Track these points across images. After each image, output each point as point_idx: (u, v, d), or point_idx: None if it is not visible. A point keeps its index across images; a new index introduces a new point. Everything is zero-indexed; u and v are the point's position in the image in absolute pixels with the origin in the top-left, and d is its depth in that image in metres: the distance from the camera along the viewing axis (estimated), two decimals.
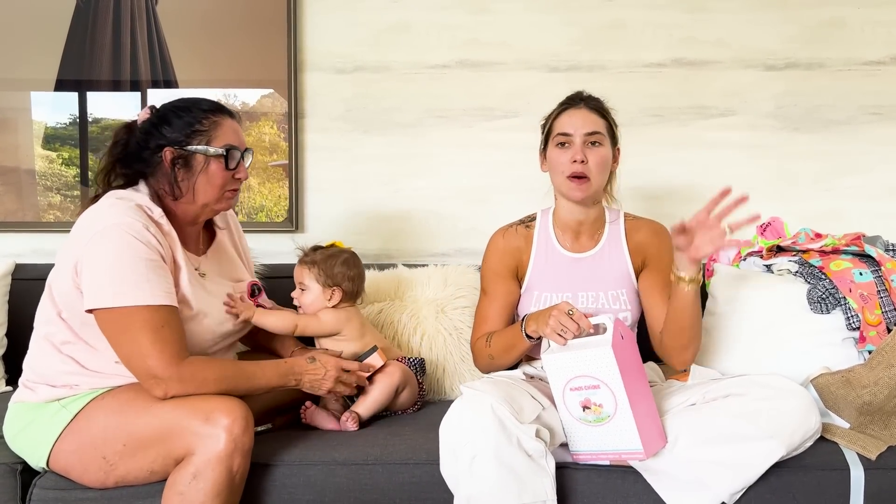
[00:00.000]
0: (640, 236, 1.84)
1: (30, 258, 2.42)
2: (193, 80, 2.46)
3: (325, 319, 1.87)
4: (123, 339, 1.51)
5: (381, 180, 2.48)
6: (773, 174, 2.46)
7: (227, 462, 1.47)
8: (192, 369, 1.53)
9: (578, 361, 1.53)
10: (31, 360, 1.66)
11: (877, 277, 1.81)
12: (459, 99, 2.46)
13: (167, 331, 1.52)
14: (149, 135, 1.64)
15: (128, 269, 1.50)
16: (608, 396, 1.52)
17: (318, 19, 2.46)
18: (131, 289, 1.50)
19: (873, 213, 2.44)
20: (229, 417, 1.47)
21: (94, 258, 1.52)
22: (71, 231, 1.59)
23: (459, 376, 2.09)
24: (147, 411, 1.52)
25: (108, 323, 1.52)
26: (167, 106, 1.67)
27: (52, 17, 2.43)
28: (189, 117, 1.63)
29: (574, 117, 1.77)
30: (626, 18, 2.44)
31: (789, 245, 1.97)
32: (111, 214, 1.55)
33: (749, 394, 1.59)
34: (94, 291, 1.51)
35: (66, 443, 1.55)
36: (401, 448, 1.66)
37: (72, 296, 1.56)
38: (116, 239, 1.51)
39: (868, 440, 1.65)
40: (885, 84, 2.43)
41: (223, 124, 1.66)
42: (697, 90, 2.45)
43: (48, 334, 1.62)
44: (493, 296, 1.85)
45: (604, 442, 1.56)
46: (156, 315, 1.51)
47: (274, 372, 1.65)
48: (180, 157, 1.62)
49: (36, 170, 2.47)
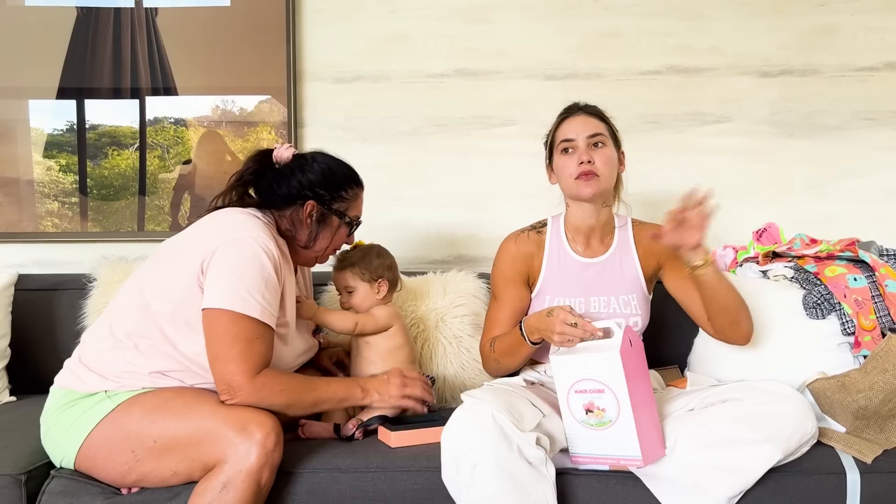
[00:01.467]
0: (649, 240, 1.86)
1: (32, 269, 2.44)
2: (193, 87, 2.48)
3: (379, 315, 1.90)
4: (220, 340, 1.57)
5: (381, 188, 2.50)
6: (768, 180, 2.48)
7: (258, 476, 1.50)
8: (263, 380, 1.59)
9: (586, 364, 1.56)
10: (94, 342, 1.67)
11: (871, 283, 1.83)
12: (457, 107, 2.49)
13: (258, 345, 1.59)
14: (293, 177, 1.75)
15: (249, 280, 1.58)
16: (612, 401, 1.54)
17: (316, 29, 2.48)
18: (247, 297, 1.58)
19: (868, 218, 2.46)
20: (262, 431, 1.51)
21: (224, 262, 1.59)
22: (194, 228, 1.69)
23: (460, 384, 2.10)
24: (185, 413, 1.55)
25: (213, 322, 1.58)
26: (317, 160, 1.78)
27: (53, 28, 2.45)
28: (339, 181, 1.78)
29: (574, 123, 1.81)
30: (621, 27, 2.46)
31: (785, 251, 1.99)
32: (251, 227, 1.64)
33: (746, 399, 1.61)
34: (213, 292, 1.58)
35: (101, 432, 1.57)
36: (403, 455, 1.67)
37: (188, 288, 1.61)
38: (250, 251, 1.60)
39: (864, 444, 1.66)
40: (879, 90, 2.46)
41: (358, 196, 1.84)
42: (693, 97, 2.47)
43: (127, 326, 1.64)
44: (502, 301, 1.87)
45: (604, 446, 1.57)
46: (255, 329, 1.59)
47: (339, 384, 1.74)
48: (321, 213, 1.76)
49: (35, 178, 2.49)
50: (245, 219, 1.67)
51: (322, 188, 1.76)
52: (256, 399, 1.58)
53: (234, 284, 1.58)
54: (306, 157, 1.80)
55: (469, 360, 2.12)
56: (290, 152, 1.78)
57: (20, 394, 2.16)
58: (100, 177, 2.50)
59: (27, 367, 2.19)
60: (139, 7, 2.46)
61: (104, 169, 2.50)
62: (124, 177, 2.50)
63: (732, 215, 2.46)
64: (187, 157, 2.51)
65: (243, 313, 1.57)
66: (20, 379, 2.18)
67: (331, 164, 1.80)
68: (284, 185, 1.75)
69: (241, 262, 1.59)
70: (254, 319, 1.58)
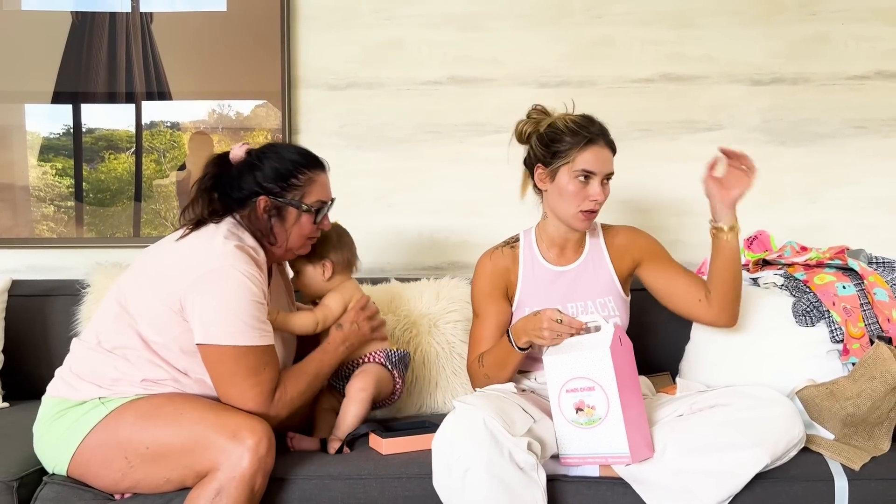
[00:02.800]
0: (620, 240, 1.90)
1: (26, 274, 2.44)
2: (188, 91, 2.49)
3: (333, 304, 1.87)
4: (229, 379, 1.60)
5: (375, 195, 2.51)
6: (759, 187, 2.45)
7: (251, 482, 1.51)
8: (279, 396, 1.64)
9: (577, 363, 1.59)
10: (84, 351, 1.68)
11: (860, 291, 1.84)
12: (451, 114, 2.50)
13: (267, 371, 1.62)
14: (244, 177, 1.71)
15: (242, 311, 1.58)
16: (601, 398, 1.57)
17: (311, 36, 2.49)
18: (244, 329, 1.58)
19: (858, 225, 2.48)
20: (254, 437, 1.52)
21: (209, 296, 1.57)
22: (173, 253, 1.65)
23: (452, 390, 2.11)
24: (176, 421, 1.55)
25: (215, 359, 1.60)
26: (265, 153, 1.73)
27: (49, 33, 2.46)
28: (287, 170, 1.71)
29: (599, 155, 1.78)
30: (614, 35, 2.48)
31: (775, 259, 2.01)
32: (227, 254, 1.60)
33: (734, 404, 1.63)
34: (207, 328, 1.57)
35: (94, 438, 1.57)
36: (394, 462, 1.68)
37: (170, 323, 1.60)
38: (234, 282, 1.58)
39: (852, 451, 1.67)
40: (869, 98, 2.47)
41: (317, 180, 1.74)
42: (685, 105, 2.49)
43: (113, 336, 1.64)
44: (484, 317, 1.88)
45: (592, 445, 1.59)
46: (261, 357, 1.61)
47: (329, 356, 1.79)
48: (274, 206, 1.70)
49: (30, 183, 2.49)
50: (222, 244, 1.62)
51: (270, 181, 1.70)
52: (279, 415, 1.65)
53: (228, 317, 1.57)
54: (255, 152, 1.74)
55: (461, 365, 2.13)
56: (242, 150, 1.74)
57: (12, 400, 2.16)
58: (96, 181, 2.50)
59: (20, 374, 2.19)
60: (135, 12, 2.47)
61: (100, 173, 2.50)
62: (120, 181, 2.51)
63: None
64: (183, 161, 2.51)
65: (246, 345, 1.58)
66: (12, 385, 2.18)
67: (274, 152, 1.73)
68: (237, 187, 1.71)
69: (231, 294, 1.58)
70: (256, 347, 1.59)
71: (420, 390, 2.12)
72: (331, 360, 1.78)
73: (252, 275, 1.60)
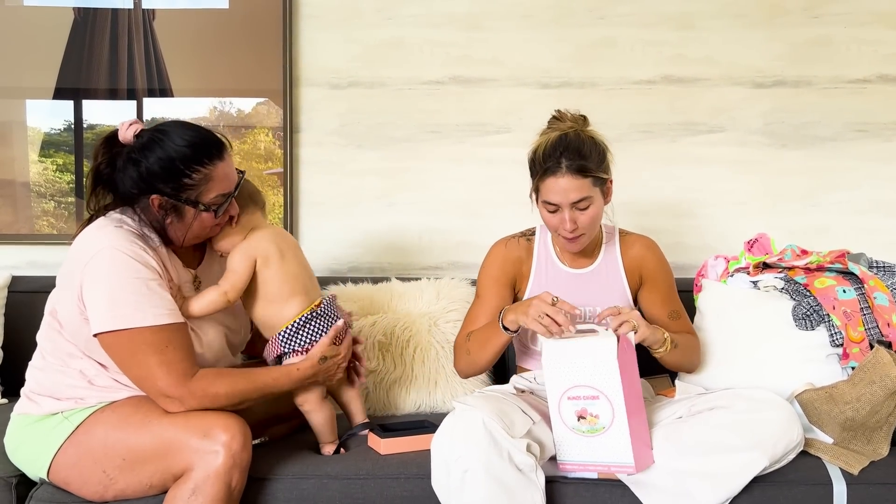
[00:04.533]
0: (634, 252, 1.89)
1: (26, 270, 2.44)
2: (189, 89, 2.49)
3: (237, 267, 1.66)
4: (131, 362, 1.53)
5: (375, 194, 2.51)
6: (760, 190, 2.49)
7: (226, 478, 1.49)
8: (202, 384, 1.55)
9: (580, 370, 1.55)
10: (35, 372, 1.67)
11: (860, 295, 1.84)
12: (452, 114, 2.50)
13: (172, 350, 1.53)
14: (127, 170, 1.56)
15: (127, 291, 1.51)
16: (606, 408, 1.54)
17: (313, 35, 2.49)
18: (132, 310, 1.50)
19: (859, 228, 2.47)
20: (228, 434, 1.49)
21: (93, 282, 1.52)
22: (68, 254, 1.59)
23: (451, 389, 2.11)
24: (146, 426, 1.53)
25: (112, 346, 1.54)
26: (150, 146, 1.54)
27: (51, 29, 2.45)
28: (177, 169, 1.54)
29: (558, 185, 1.69)
30: (616, 36, 2.48)
31: (775, 262, 2.01)
32: (104, 236, 1.54)
33: (733, 406, 1.63)
34: (96, 316, 1.51)
35: (66, 455, 1.56)
36: (392, 462, 1.68)
37: (77, 321, 1.56)
38: (112, 260, 1.51)
39: (851, 455, 1.67)
40: (871, 102, 2.47)
41: (213, 175, 1.56)
42: (686, 107, 2.49)
43: (53, 350, 1.63)
44: (485, 300, 1.87)
45: (594, 453, 1.58)
46: (159, 335, 1.52)
47: (287, 380, 1.66)
48: (170, 205, 1.57)
49: (31, 179, 2.49)
50: (101, 226, 1.55)
51: (161, 181, 1.53)
52: (200, 404, 1.54)
53: (112, 300, 1.49)
54: (144, 139, 1.55)
55: None
56: (131, 132, 1.54)
57: (12, 396, 2.16)
58: None
59: (19, 370, 2.17)
60: (137, 8, 2.46)
61: None
62: None
63: (724, 225, 2.48)
64: None
65: (136, 326, 1.50)
66: (12, 381, 2.18)
67: (164, 148, 1.53)
68: (121, 181, 1.55)
69: (110, 275, 1.50)
70: (152, 327, 1.51)
71: (419, 389, 2.12)
72: (287, 385, 1.66)
73: (135, 252, 1.51)
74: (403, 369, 2.12)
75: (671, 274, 1.90)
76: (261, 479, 1.62)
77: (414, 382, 2.12)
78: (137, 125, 1.57)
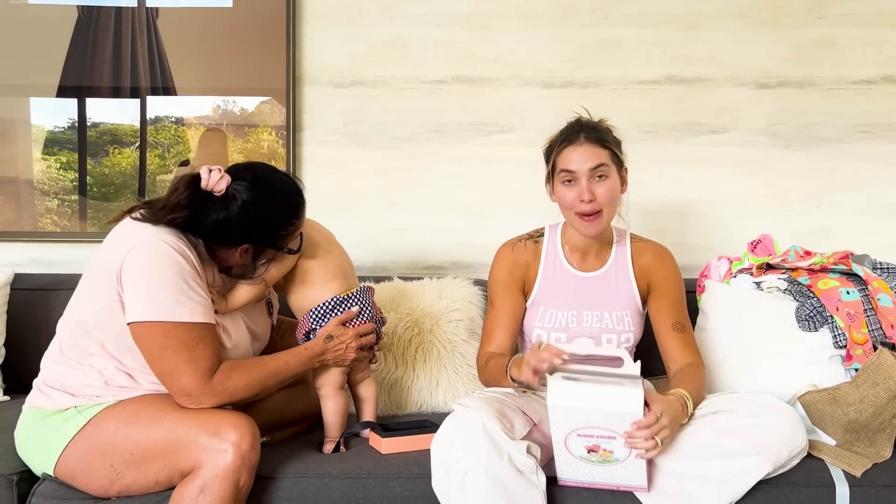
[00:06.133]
0: (645, 259, 1.86)
1: (29, 268, 2.45)
2: (192, 87, 2.49)
3: None
4: (161, 355, 1.54)
5: (378, 193, 2.51)
6: (764, 190, 2.49)
7: (235, 477, 1.49)
8: (220, 379, 1.57)
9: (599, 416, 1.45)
10: (51, 364, 1.67)
11: (863, 296, 1.83)
12: (455, 114, 2.50)
13: (201, 348, 1.55)
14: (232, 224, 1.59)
15: (168, 284, 1.53)
16: (622, 447, 1.49)
17: (316, 34, 2.49)
18: (171, 304, 1.52)
19: (863, 230, 2.47)
20: (237, 433, 1.50)
21: (134, 270, 1.53)
22: (104, 245, 1.61)
23: (453, 389, 2.11)
24: (156, 422, 1.54)
25: (144, 337, 1.54)
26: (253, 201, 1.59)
27: (53, 28, 2.46)
28: (280, 224, 1.63)
29: (576, 153, 1.72)
30: (620, 36, 2.47)
31: (779, 263, 2.00)
32: (149, 229, 1.56)
33: (737, 411, 1.62)
34: (134, 304, 1.53)
35: (75, 448, 1.56)
36: (394, 461, 1.68)
37: (110, 308, 1.56)
38: (156, 251, 1.53)
39: (853, 457, 1.67)
40: (875, 102, 2.47)
41: (298, 226, 1.67)
42: (690, 107, 2.48)
43: (74, 346, 1.63)
44: (499, 308, 1.85)
45: (603, 477, 1.54)
46: (193, 332, 1.54)
47: (297, 361, 1.69)
48: (256, 251, 1.65)
49: (34, 177, 2.49)
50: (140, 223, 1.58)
51: (257, 237, 1.62)
52: (219, 400, 1.57)
53: (152, 291, 1.52)
54: (238, 195, 1.58)
55: (462, 364, 2.14)
56: (223, 183, 1.58)
57: (13, 394, 2.17)
58: (100, 175, 2.51)
59: (21, 368, 2.19)
60: (141, 7, 2.46)
61: (104, 167, 2.51)
62: (124, 175, 2.51)
63: (728, 225, 2.48)
64: (187, 156, 2.51)
65: (173, 321, 1.52)
66: (14, 378, 2.19)
67: (267, 209, 1.61)
68: (216, 230, 1.59)
69: (153, 267, 1.52)
70: (187, 324, 1.54)
71: (421, 389, 2.12)
72: (298, 366, 1.69)
73: (179, 247, 1.55)
74: (405, 369, 2.13)
75: (682, 285, 1.85)
76: (263, 477, 1.62)
77: (416, 382, 2.12)
78: (226, 177, 1.59)
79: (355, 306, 1.77)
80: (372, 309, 1.81)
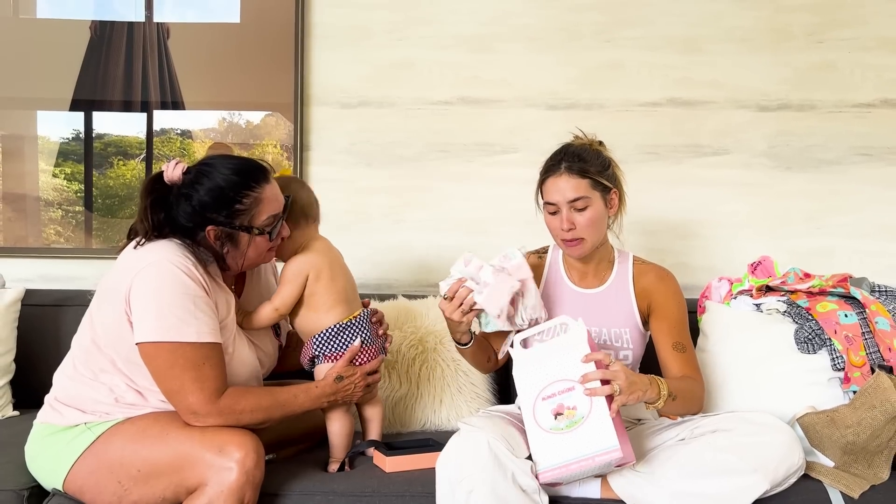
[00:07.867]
0: (647, 280, 1.87)
1: (38, 284, 2.48)
2: (200, 102, 2.53)
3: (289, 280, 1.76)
4: (168, 374, 1.56)
5: (383, 212, 2.54)
6: (765, 212, 2.51)
7: (239, 494, 1.51)
8: (229, 402, 1.59)
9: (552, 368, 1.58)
10: (63, 379, 1.69)
11: (861, 319, 1.86)
12: (460, 134, 2.53)
13: (208, 368, 1.57)
14: (181, 205, 1.61)
15: (175, 304, 1.55)
16: (582, 396, 1.53)
17: (324, 55, 2.52)
18: (178, 324, 1.55)
19: (863, 252, 2.49)
20: (242, 451, 1.52)
21: (142, 291, 1.56)
22: (116, 265, 1.64)
23: (457, 408, 2.13)
24: (163, 440, 1.56)
25: (152, 357, 1.57)
26: (200, 178, 1.61)
27: (62, 43, 2.49)
28: (227, 196, 1.61)
29: (556, 185, 1.77)
30: (623, 59, 2.51)
31: (778, 285, 2.03)
32: (160, 249, 1.59)
33: (736, 429, 1.64)
34: (142, 325, 1.55)
35: (84, 464, 1.59)
36: (398, 480, 1.70)
37: (119, 328, 1.59)
38: (165, 272, 1.56)
39: (851, 479, 1.69)
40: (875, 126, 2.49)
41: (262, 198, 1.64)
42: (692, 129, 2.51)
43: (86, 361, 1.65)
44: None
45: (576, 448, 1.52)
46: (199, 352, 1.56)
47: (306, 397, 1.71)
48: (225, 234, 1.63)
49: (39, 188, 2.51)
50: (155, 244, 1.60)
51: (214, 211, 1.61)
52: (225, 421, 1.59)
53: (159, 312, 1.54)
54: (192, 175, 1.62)
55: (466, 382, 2.15)
56: (178, 171, 1.61)
57: (23, 409, 2.19)
58: (104, 186, 2.53)
59: (31, 383, 2.21)
60: (150, 22, 2.50)
61: (109, 179, 2.54)
62: (129, 187, 2.53)
63: (728, 247, 2.50)
64: None
65: (179, 341, 1.54)
66: (25, 394, 2.21)
67: (213, 178, 1.61)
68: (178, 217, 1.61)
69: (160, 287, 1.55)
70: (194, 343, 1.55)
71: (424, 407, 2.14)
72: (306, 402, 1.71)
73: (186, 266, 1.57)
74: (409, 387, 2.15)
75: (683, 307, 1.85)
76: (268, 494, 1.64)
77: (419, 400, 2.14)
78: (182, 163, 1.63)
79: (357, 338, 1.78)
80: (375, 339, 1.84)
